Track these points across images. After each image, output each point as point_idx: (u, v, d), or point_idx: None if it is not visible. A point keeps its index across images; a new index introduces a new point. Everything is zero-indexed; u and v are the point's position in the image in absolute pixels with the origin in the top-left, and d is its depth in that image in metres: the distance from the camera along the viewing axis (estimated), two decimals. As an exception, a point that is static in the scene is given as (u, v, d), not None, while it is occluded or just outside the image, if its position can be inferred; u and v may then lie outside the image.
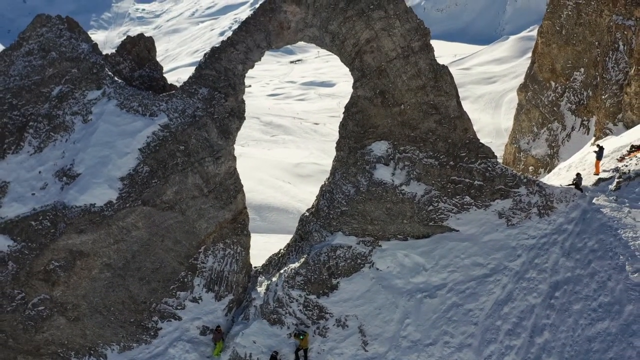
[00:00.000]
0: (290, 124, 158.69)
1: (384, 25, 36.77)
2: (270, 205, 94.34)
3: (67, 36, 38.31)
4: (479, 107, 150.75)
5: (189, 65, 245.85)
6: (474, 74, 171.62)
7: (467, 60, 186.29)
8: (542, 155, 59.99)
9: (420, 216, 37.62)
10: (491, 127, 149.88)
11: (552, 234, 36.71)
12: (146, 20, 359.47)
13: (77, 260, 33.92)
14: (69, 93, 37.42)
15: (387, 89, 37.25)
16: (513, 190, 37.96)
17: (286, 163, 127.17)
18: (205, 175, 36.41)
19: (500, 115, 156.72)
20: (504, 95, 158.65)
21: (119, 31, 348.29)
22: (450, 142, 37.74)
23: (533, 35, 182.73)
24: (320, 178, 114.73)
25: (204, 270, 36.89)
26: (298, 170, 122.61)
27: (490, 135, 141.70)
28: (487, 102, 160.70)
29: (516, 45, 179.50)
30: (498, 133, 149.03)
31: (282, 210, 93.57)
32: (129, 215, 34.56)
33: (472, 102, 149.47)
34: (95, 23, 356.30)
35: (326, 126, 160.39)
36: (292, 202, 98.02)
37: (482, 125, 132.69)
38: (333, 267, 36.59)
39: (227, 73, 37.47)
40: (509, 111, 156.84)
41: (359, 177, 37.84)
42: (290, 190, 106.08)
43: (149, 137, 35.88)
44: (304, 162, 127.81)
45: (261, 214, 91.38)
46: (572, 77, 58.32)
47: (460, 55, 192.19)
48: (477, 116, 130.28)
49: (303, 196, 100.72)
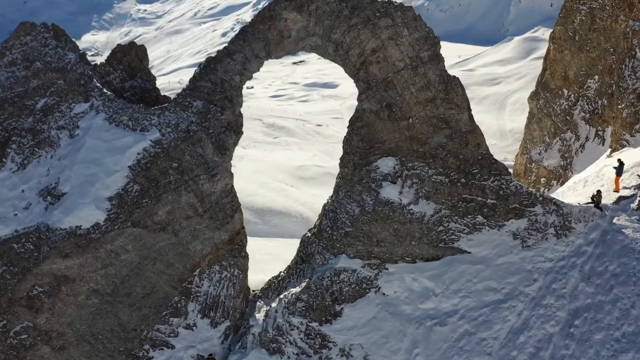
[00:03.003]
0: (293, 126, 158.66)
1: (391, 34, 35.32)
2: (272, 208, 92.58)
3: (53, 45, 36.66)
4: (483, 109, 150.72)
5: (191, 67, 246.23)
6: (478, 75, 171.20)
7: (470, 62, 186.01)
8: (554, 167, 59.12)
9: (429, 237, 36.23)
10: (495, 129, 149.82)
11: (571, 257, 35.35)
12: (148, 21, 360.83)
13: (62, 285, 32.50)
14: (54, 106, 35.81)
15: (394, 101, 35.85)
16: (528, 209, 36.52)
17: (289, 165, 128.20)
18: (200, 194, 35.01)
19: (505, 117, 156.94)
20: (508, 97, 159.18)
21: (121, 32, 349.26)
22: (462, 158, 36.37)
23: (537, 37, 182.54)
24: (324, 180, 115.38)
25: (198, 295, 35.50)
26: (301, 172, 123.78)
27: (495, 137, 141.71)
28: (491, 104, 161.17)
29: (520, 46, 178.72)
30: (502, 135, 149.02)
31: (284, 213, 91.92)
32: (118, 237, 33.12)
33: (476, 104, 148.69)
34: (97, 24, 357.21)
35: (329, 128, 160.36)
36: (295, 205, 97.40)
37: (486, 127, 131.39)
38: (336, 293, 35.26)
39: (224, 85, 35.97)
40: (513, 113, 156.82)
41: (364, 196, 36.41)
42: (293, 193, 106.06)
43: (139, 154, 34.32)
44: (307, 164, 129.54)
45: (263, 218, 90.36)
46: (586, 84, 57.51)
47: (464, 56, 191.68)
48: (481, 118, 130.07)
49: (306, 199, 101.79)
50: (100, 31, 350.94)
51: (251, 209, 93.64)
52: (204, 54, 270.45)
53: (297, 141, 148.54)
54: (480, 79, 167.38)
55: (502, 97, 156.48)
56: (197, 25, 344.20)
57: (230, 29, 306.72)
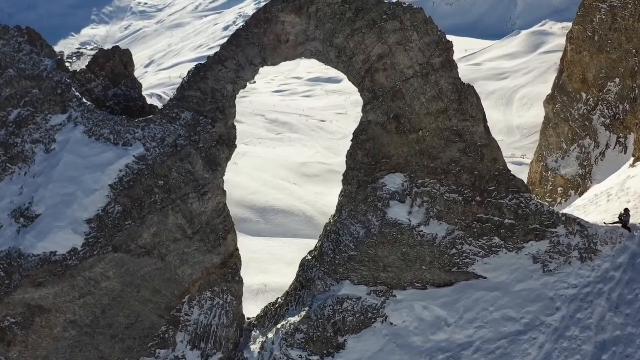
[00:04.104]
0: (296, 122, 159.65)
1: (399, 38, 32.95)
2: (274, 207, 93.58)
3: (27, 50, 34.23)
4: (490, 104, 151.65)
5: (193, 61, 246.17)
6: (485, 70, 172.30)
7: (477, 56, 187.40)
8: (572, 175, 56.87)
9: (441, 261, 34.08)
10: (503, 125, 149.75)
11: (597, 283, 33.02)
12: (148, 15, 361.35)
13: (36, 316, 30.67)
14: (29, 117, 33.61)
15: (403, 112, 33.60)
16: (550, 230, 34.11)
17: (292, 162, 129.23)
18: (189, 215, 33.00)
19: (512, 112, 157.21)
20: (516, 92, 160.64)
21: (121, 25, 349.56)
22: (477, 175, 34.10)
23: (545, 30, 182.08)
24: (327, 178, 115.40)
25: (188, 324, 33.67)
26: (304, 170, 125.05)
27: (502, 133, 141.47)
28: (499, 99, 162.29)
29: (528, 40, 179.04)
30: (510, 131, 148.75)
31: (287, 212, 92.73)
32: (98, 264, 31.09)
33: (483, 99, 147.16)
34: (97, 17, 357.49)
35: (333, 124, 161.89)
36: (298, 204, 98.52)
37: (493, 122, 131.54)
38: (339, 323, 33.26)
39: (215, 95, 33.71)
40: (521, 108, 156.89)
41: (369, 217, 34.25)
42: (296, 191, 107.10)
43: (121, 171, 32.23)
44: (310, 161, 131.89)
45: (265, 217, 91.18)
46: (606, 88, 55.25)
47: (470, 51, 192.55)
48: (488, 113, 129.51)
49: (309, 198, 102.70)
50: (100, 25, 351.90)
51: (253, 208, 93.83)
52: (205, 48, 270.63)
53: (301, 137, 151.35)
54: (487, 73, 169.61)
55: (510, 93, 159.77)
56: (199, 18, 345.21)
57: (232, 23, 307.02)
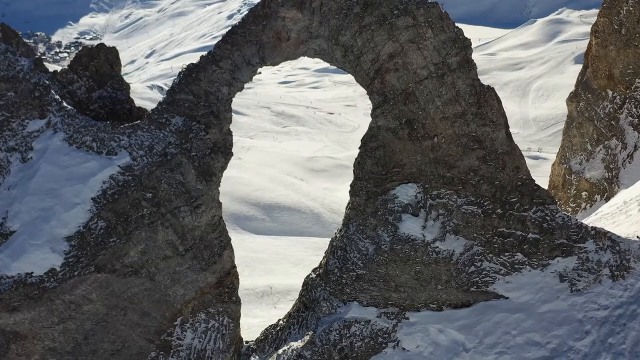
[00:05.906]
0: (303, 114, 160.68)
1: (412, 35, 30.98)
2: (280, 204, 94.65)
3: (2, 49, 31.91)
4: (505, 95, 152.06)
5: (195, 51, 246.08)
6: (499, 60, 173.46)
7: (491, 45, 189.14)
8: (597, 179, 54.32)
9: (458, 280, 32.55)
10: (518, 117, 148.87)
11: (630, 304, 31.48)
12: (149, 3, 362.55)
13: (11, 343, 29.38)
14: (3, 123, 31.45)
15: (416, 117, 31.85)
16: (578, 245, 32.38)
17: (298, 156, 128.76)
18: (181, 229, 31.31)
19: (528, 104, 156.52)
20: (532, 83, 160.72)
21: (121, 14, 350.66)
22: (498, 185, 32.35)
23: (562, 18, 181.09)
24: (335, 173, 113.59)
25: (180, 349, 32.17)
26: (311, 164, 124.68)
27: (517, 126, 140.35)
28: (514, 90, 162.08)
29: (544, 29, 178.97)
30: (525, 123, 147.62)
31: (293, 209, 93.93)
32: (79, 285, 29.52)
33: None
34: (96, 6, 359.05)
35: (341, 116, 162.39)
36: (305, 200, 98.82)
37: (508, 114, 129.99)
38: (346, 349, 31.84)
39: (209, 97, 31.73)
40: (537, 99, 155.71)
41: (379, 231, 32.60)
42: (303, 187, 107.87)
43: (105, 183, 30.48)
44: (318, 155, 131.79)
45: (271, 215, 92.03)
46: (634, 85, 52.71)
47: (484, 40, 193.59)
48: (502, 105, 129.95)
49: (317, 194, 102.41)
50: (99, 13, 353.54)
51: (258, 205, 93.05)
52: (209, 38, 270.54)
53: (308, 130, 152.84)
54: (502, 63, 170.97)
55: (525, 83, 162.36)
56: (202, 7, 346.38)
57: (237, 11, 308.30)
